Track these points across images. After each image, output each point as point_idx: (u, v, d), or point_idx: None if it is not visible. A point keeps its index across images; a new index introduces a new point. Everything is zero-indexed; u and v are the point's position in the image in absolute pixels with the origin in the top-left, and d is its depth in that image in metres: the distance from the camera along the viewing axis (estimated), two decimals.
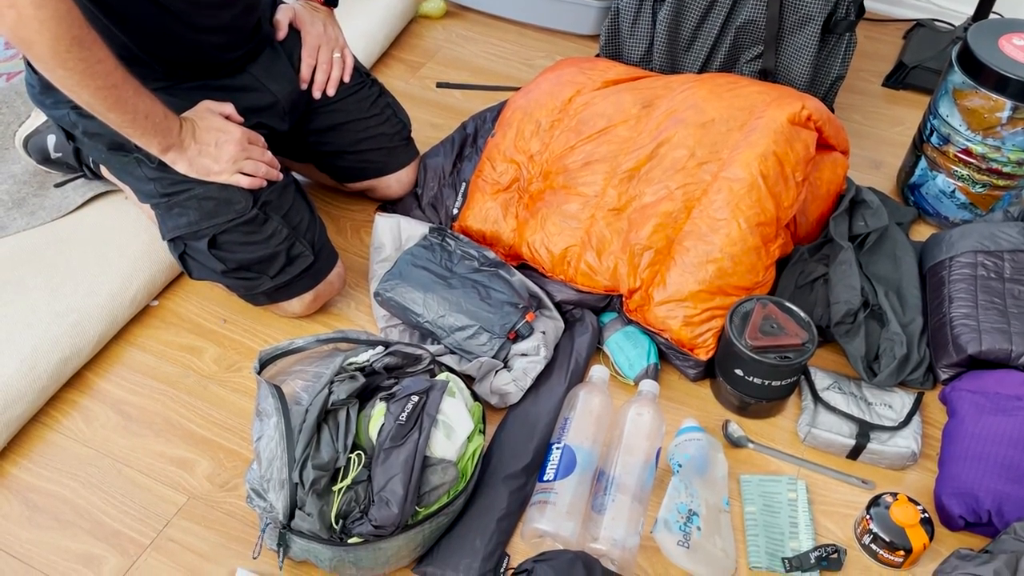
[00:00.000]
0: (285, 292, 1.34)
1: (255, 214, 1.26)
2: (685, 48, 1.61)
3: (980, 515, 1.10)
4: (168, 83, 1.25)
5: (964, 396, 1.21)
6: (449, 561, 1.07)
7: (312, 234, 1.33)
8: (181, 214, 1.25)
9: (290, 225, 1.29)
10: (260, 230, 1.27)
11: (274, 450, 1.00)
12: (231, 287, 1.35)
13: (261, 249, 1.27)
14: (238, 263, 1.28)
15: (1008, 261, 1.31)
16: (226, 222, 1.25)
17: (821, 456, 1.23)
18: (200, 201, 1.24)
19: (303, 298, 1.35)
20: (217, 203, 1.24)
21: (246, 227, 1.26)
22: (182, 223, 1.26)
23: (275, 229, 1.28)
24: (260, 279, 1.30)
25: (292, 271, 1.31)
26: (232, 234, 1.26)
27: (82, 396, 1.29)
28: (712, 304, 1.25)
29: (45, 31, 1.00)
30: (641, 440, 1.16)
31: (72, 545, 1.11)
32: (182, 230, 1.26)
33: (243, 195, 1.25)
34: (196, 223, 1.25)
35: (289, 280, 1.32)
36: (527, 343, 1.29)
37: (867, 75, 1.95)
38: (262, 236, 1.27)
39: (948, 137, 1.48)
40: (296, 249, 1.30)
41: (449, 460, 1.05)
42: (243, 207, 1.25)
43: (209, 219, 1.24)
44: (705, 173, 1.30)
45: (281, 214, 1.28)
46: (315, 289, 1.35)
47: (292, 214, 1.30)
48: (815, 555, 1.09)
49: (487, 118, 1.60)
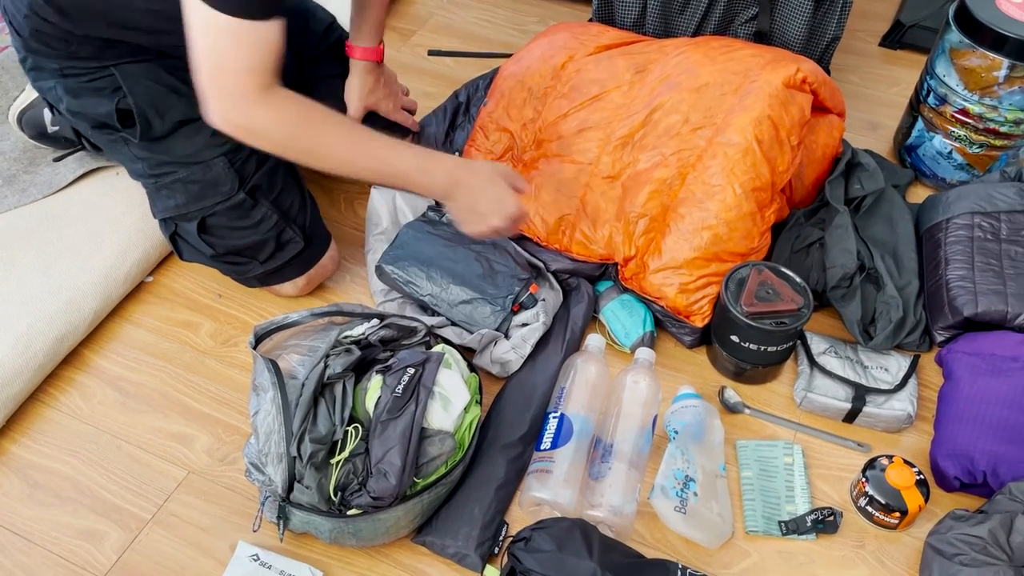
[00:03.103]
0: (276, 276, 1.33)
1: (242, 198, 1.24)
2: (679, 11, 1.58)
3: (975, 476, 1.10)
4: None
5: (960, 358, 1.21)
6: (448, 530, 1.07)
7: (304, 218, 1.32)
8: (169, 196, 1.24)
9: (280, 209, 1.28)
10: (248, 215, 1.25)
11: (271, 424, 1.01)
12: (222, 271, 1.35)
13: (250, 235, 1.26)
14: (227, 248, 1.27)
15: (1005, 222, 1.31)
16: (213, 205, 1.24)
17: (817, 420, 1.23)
18: (186, 184, 1.23)
19: (295, 282, 1.35)
20: (202, 186, 1.23)
21: (234, 211, 1.25)
22: (170, 205, 1.25)
23: (264, 214, 1.26)
24: (250, 264, 1.30)
25: (282, 257, 1.30)
26: (220, 218, 1.25)
27: (79, 373, 1.29)
28: (708, 271, 1.25)
29: (277, 142, 1.07)
30: (638, 407, 1.16)
31: (73, 521, 1.12)
32: (171, 212, 1.25)
33: (229, 178, 1.23)
34: (184, 205, 1.24)
35: (280, 265, 1.31)
36: (528, 313, 1.29)
37: (864, 35, 1.93)
38: (251, 221, 1.26)
39: (945, 97, 1.46)
40: (286, 235, 1.29)
41: (446, 431, 1.06)
42: (228, 189, 1.23)
43: (196, 202, 1.23)
44: (699, 139, 1.29)
45: (271, 198, 1.27)
46: (307, 273, 1.34)
47: (282, 197, 1.29)
48: (811, 518, 1.10)
49: (479, 86, 1.58)
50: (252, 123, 1.05)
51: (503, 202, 1.17)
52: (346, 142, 1.11)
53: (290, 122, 1.06)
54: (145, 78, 1.21)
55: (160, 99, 1.21)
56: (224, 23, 0.97)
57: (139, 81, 1.20)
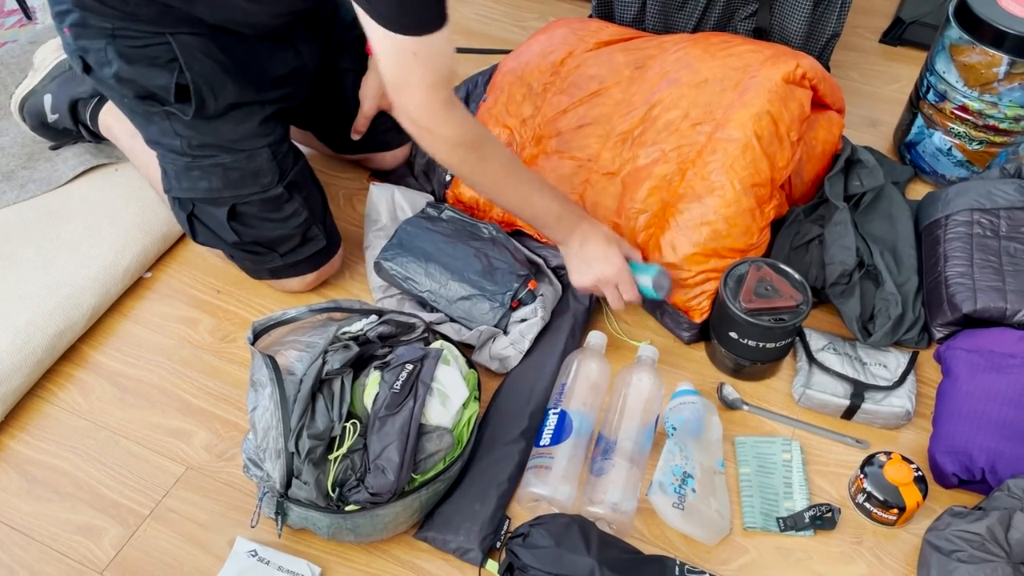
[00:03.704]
0: (290, 271, 1.33)
1: (279, 192, 1.24)
2: (678, 7, 1.58)
3: (974, 473, 1.10)
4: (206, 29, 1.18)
5: (959, 355, 1.21)
6: (450, 525, 1.08)
7: (325, 220, 1.33)
8: (202, 177, 1.22)
9: (309, 207, 1.28)
10: (281, 208, 1.25)
11: (269, 420, 1.00)
12: (235, 258, 1.34)
13: (279, 228, 1.26)
14: (253, 238, 1.26)
15: (1004, 219, 1.30)
16: (249, 194, 1.23)
17: (815, 417, 1.23)
18: (226, 170, 1.22)
19: (304, 277, 1.35)
20: (243, 174, 1.22)
21: (268, 204, 1.24)
22: (200, 187, 1.23)
23: (295, 210, 1.27)
24: (269, 256, 1.30)
25: (303, 252, 1.31)
26: (252, 207, 1.24)
27: (78, 369, 1.29)
28: (707, 266, 1.25)
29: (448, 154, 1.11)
30: (640, 405, 1.16)
31: (72, 517, 1.12)
32: (199, 193, 1.23)
33: (271, 170, 1.23)
34: (217, 190, 1.22)
35: (298, 260, 1.31)
36: (526, 309, 1.29)
37: (864, 31, 1.93)
38: (282, 215, 1.26)
39: (945, 94, 1.46)
40: (312, 232, 1.30)
41: (444, 427, 1.06)
42: (269, 181, 1.23)
43: (232, 189, 1.22)
44: (699, 134, 1.29)
45: (303, 195, 1.27)
46: (319, 270, 1.35)
47: (312, 196, 1.30)
48: (809, 515, 1.10)
49: (479, 82, 1.58)
50: (439, 130, 1.07)
51: (611, 261, 1.20)
52: (504, 173, 1.16)
53: (464, 145, 1.10)
54: (201, 53, 1.16)
55: (215, 78, 1.18)
56: (402, 42, 0.98)
57: (195, 55, 1.16)
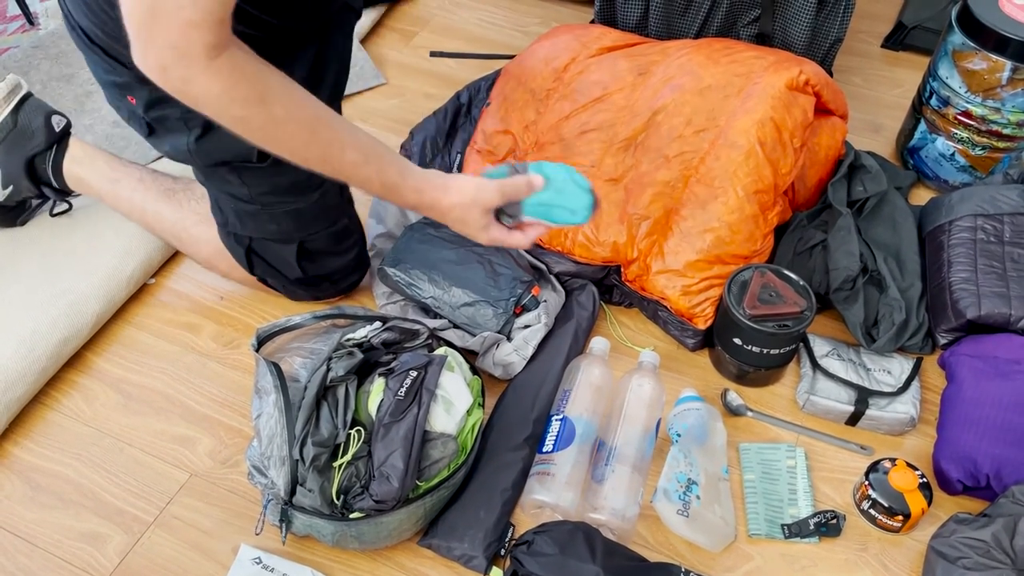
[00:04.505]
0: (332, 292, 1.33)
1: (345, 224, 1.23)
2: (681, 13, 1.58)
3: (978, 479, 1.10)
4: None
5: (963, 361, 1.21)
6: (454, 533, 1.07)
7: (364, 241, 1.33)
8: (271, 221, 1.19)
9: (360, 233, 1.28)
10: (344, 241, 1.25)
11: (274, 427, 1.01)
12: (285, 290, 1.32)
13: (341, 259, 1.26)
14: (317, 272, 1.26)
15: (1008, 224, 1.30)
16: (318, 231, 1.22)
17: (820, 423, 1.23)
18: (299, 212, 1.19)
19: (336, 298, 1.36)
20: (315, 215, 1.20)
21: (333, 237, 1.24)
22: (271, 229, 1.20)
23: (355, 240, 1.26)
24: (323, 285, 1.30)
25: (349, 280, 1.31)
26: (320, 242, 1.23)
27: (82, 376, 1.29)
28: (710, 273, 1.25)
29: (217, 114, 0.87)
30: (641, 410, 1.16)
31: (76, 524, 1.12)
32: (267, 235, 1.20)
33: (340, 206, 1.21)
34: (287, 232, 1.20)
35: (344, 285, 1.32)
36: (530, 315, 1.29)
37: (866, 36, 1.93)
38: (343, 247, 1.26)
39: (948, 99, 1.46)
40: (362, 257, 1.30)
41: (449, 434, 1.06)
42: (336, 216, 1.22)
43: (303, 229, 1.21)
44: (702, 141, 1.29)
45: (358, 228, 1.28)
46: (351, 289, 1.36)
47: (356, 222, 1.30)
48: (814, 521, 1.10)
49: (481, 87, 1.58)
50: (192, 89, 0.83)
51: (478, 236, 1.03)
52: (306, 137, 0.91)
53: (240, 100, 0.85)
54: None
55: None
56: None
57: None
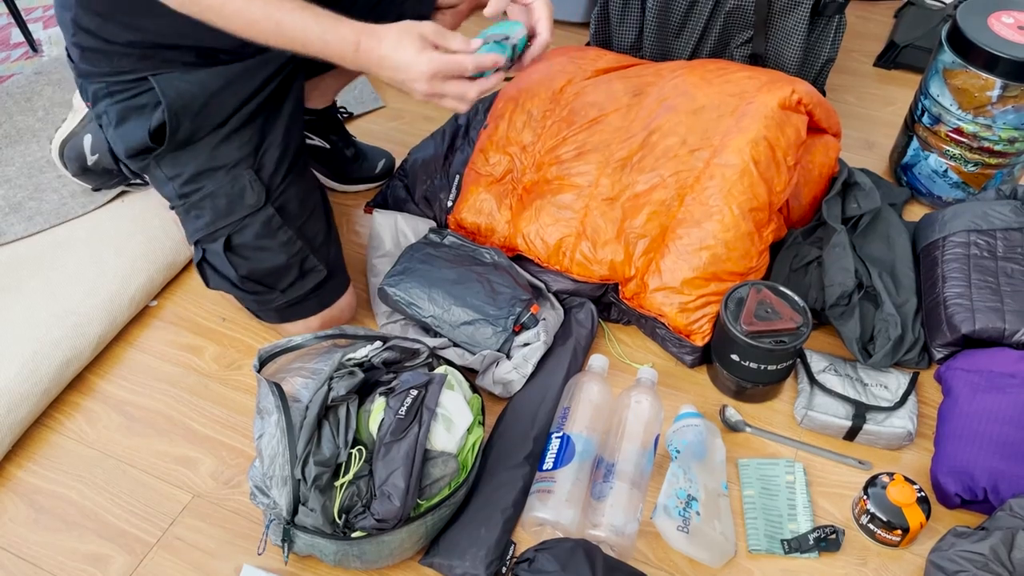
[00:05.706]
0: (295, 311, 1.33)
1: (270, 214, 1.24)
2: (675, 34, 1.61)
3: (976, 493, 1.11)
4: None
5: (958, 375, 1.22)
6: (456, 551, 1.08)
7: (327, 252, 1.32)
8: (198, 215, 1.24)
9: (305, 236, 1.28)
10: (275, 235, 1.25)
11: (276, 447, 1.01)
12: (243, 300, 1.34)
13: (274, 257, 1.26)
14: (251, 270, 1.27)
15: (1001, 240, 1.32)
16: (240, 219, 1.24)
17: (818, 438, 1.24)
18: (214, 199, 1.23)
19: (308, 322, 1.33)
20: (229, 200, 1.23)
21: (261, 228, 1.25)
22: (200, 225, 1.24)
23: (289, 237, 1.26)
24: (271, 293, 1.29)
25: (303, 286, 1.30)
26: (247, 234, 1.24)
27: (84, 398, 1.30)
28: (707, 290, 1.26)
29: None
30: (640, 427, 1.17)
31: (79, 546, 1.13)
32: (201, 232, 1.24)
33: (256, 190, 1.23)
34: (212, 223, 1.23)
35: (300, 296, 1.30)
36: (529, 333, 1.30)
37: (858, 55, 1.95)
38: (276, 242, 1.26)
39: (939, 117, 1.48)
40: (309, 263, 1.29)
41: (449, 453, 1.06)
42: (255, 202, 1.23)
43: (224, 218, 1.23)
44: (697, 160, 1.31)
45: (297, 224, 1.27)
46: (322, 314, 1.34)
47: (309, 225, 1.29)
48: (814, 536, 1.10)
49: (479, 109, 1.60)
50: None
51: (409, 68, 1.06)
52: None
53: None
54: (179, 80, 1.18)
55: (191, 99, 1.19)
56: None
57: (173, 83, 1.18)
